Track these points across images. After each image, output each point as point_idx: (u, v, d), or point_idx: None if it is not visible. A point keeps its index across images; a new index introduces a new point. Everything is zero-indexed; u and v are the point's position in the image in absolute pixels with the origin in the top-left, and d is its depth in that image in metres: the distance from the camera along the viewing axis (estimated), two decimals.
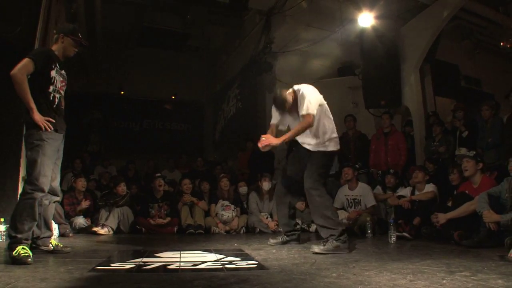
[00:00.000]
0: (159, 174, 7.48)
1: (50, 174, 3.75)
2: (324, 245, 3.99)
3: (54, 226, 5.69)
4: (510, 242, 3.87)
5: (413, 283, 2.48)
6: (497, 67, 10.23)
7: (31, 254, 3.36)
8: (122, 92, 12.85)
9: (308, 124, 4.20)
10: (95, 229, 6.33)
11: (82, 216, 6.54)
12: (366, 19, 7.76)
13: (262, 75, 9.50)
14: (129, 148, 12.18)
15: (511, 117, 6.17)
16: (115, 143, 12.32)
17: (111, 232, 6.45)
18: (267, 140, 4.24)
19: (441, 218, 4.96)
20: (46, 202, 3.91)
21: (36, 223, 3.67)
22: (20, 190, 4.09)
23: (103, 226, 6.43)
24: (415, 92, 8.17)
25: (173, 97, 13.48)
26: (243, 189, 7.45)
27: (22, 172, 4.97)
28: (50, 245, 3.99)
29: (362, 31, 8.32)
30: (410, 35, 8.22)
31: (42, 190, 3.63)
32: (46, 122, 3.64)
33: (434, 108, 8.39)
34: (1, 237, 4.63)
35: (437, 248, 4.31)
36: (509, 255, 3.52)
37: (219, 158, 11.98)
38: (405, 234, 5.34)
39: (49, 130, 3.67)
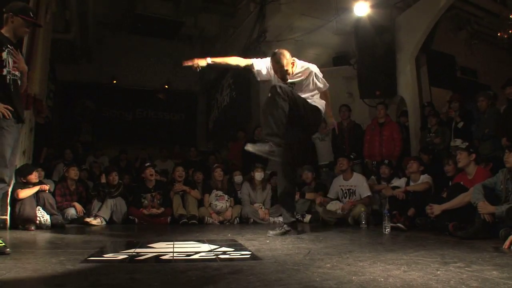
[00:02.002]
0: (148, 163, 7.41)
1: (10, 164, 3.59)
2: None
3: (46, 217, 5.67)
4: (505, 233, 3.86)
5: (407, 274, 2.46)
6: (494, 58, 10.20)
7: (5, 244, 3.28)
8: (115, 81, 12.73)
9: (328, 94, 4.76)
10: (87, 219, 6.31)
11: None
12: (361, 8, 7.69)
13: None
14: (121, 138, 12.10)
15: (507, 109, 6.15)
16: (107, 132, 12.23)
17: (104, 222, 6.42)
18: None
19: (436, 209, 4.96)
20: None
21: None
22: None
23: (95, 216, 6.40)
24: (410, 82, 8.13)
25: (166, 86, 13.38)
26: (238, 178, 7.45)
27: None
28: None
29: (358, 20, 8.25)
30: (406, 25, 8.16)
31: (3, 181, 3.51)
32: (4, 109, 3.44)
33: (430, 98, 8.36)
34: None
35: (431, 239, 4.31)
36: (504, 246, 3.52)
37: (212, 148, 11.95)
38: (399, 225, 5.32)
39: (8, 117, 3.46)
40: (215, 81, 12.65)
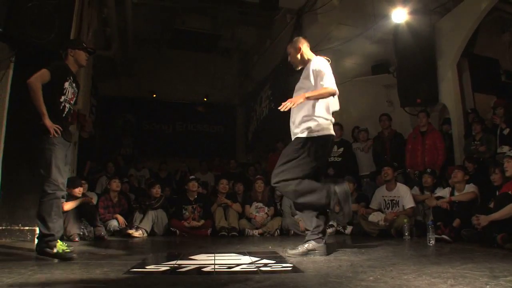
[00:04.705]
0: (193, 176, 7.52)
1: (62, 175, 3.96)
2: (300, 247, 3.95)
3: (90, 229, 5.82)
4: None
5: None
6: None
7: (70, 249, 3.71)
8: (154, 95, 13.00)
9: (332, 92, 3.93)
10: (129, 231, 6.42)
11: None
12: (399, 15, 7.61)
13: (294, 75, 9.40)
14: (162, 150, 12.29)
15: None
16: (147, 145, 12.43)
17: (145, 234, 6.52)
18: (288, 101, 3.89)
19: (483, 220, 4.77)
20: None
21: (62, 219, 3.98)
22: None
23: (137, 228, 6.51)
24: (452, 89, 7.90)
25: (205, 99, 13.54)
26: None
27: None
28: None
29: (396, 28, 8.15)
30: (446, 30, 7.97)
31: (62, 189, 3.88)
32: (56, 128, 3.84)
33: (473, 105, 8.12)
34: None
35: (478, 252, 4.15)
36: None
37: (252, 160, 11.98)
38: (444, 236, 5.17)
39: (56, 136, 3.85)
40: (253, 93, 12.73)
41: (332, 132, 4.09)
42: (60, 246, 3.71)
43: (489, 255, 3.84)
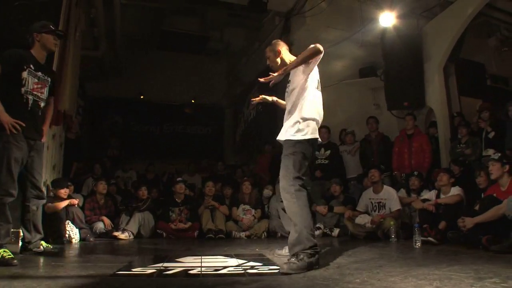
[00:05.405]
0: (180, 179, 7.50)
1: (16, 178, 3.70)
2: (295, 262, 3.26)
3: (75, 231, 5.76)
4: None
5: None
6: None
7: (13, 255, 3.45)
8: (142, 96, 12.93)
9: (317, 50, 3.84)
10: (115, 233, 6.38)
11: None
12: (387, 19, 7.68)
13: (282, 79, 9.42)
14: (149, 152, 12.22)
15: None
16: (135, 147, 12.35)
17: (132, 236, 6.48)
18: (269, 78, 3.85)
19: (468, 222, 4.80)
20: (34, 207, 3.99)
21: (10, 225, 3.69)
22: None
23: (123, 230, 6.47)
24: (439, 92, 8.00)
25: (193, 101, 13.50)
26: (266, 192, 7.44)
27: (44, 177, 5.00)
28: (41, 247, 4.10)
29: (384, 31, 8.22)
30: (433, 34, 8.07)
31: (11, 195, 3.63)
32: (14, 123, 3.62)
33: (459, 108, 8.21)
34: None
35: (464, 254, 4.19)
36: None
37: (239, 162, 11.97)
38: (430, 238, 5.20)
39: (15, 132, 3.62)
40: (241, 95, 12.71)
41: (317, 136, 3.90)
42: (2, 252, 3.41)
43: (475, 257, 3.87)
